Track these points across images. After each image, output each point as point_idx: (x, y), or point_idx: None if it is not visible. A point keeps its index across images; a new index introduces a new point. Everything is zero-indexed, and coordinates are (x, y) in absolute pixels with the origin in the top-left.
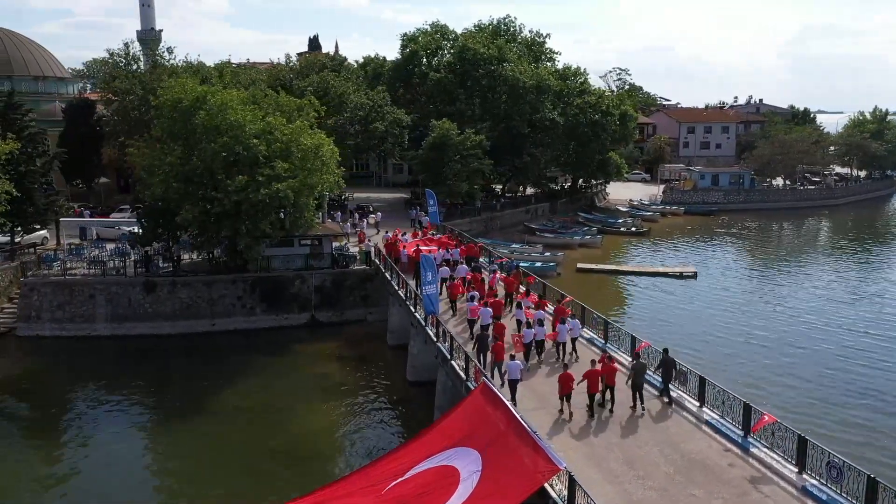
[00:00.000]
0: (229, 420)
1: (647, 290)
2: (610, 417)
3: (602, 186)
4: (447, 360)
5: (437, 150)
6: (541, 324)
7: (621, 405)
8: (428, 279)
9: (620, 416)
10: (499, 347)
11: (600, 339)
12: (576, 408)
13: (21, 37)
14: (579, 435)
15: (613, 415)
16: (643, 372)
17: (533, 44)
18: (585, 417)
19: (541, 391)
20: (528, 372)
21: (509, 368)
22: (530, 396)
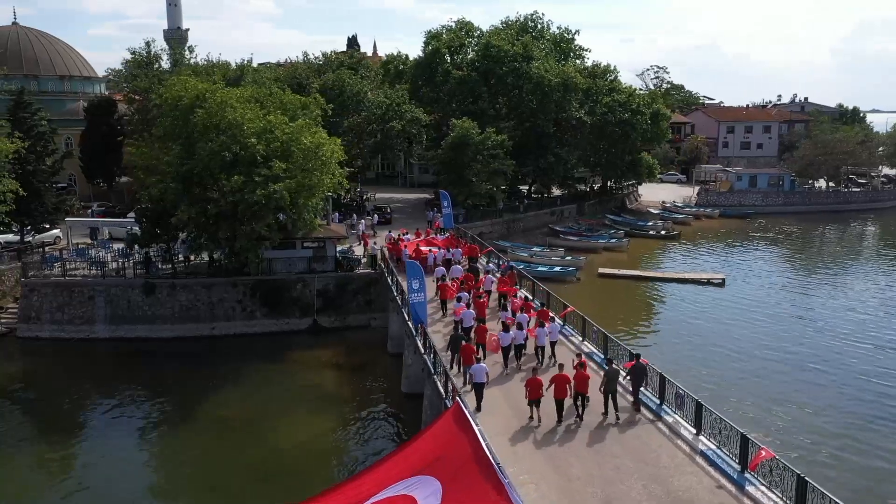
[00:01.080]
0: (212, 431)
1: (669, 298)
2: (579, 426)
3: (633, 188)
4: (430, 374)
5: (456, 150)
6: (520, 327)
7: (593, 413)
8: (414, 287)
9: (589, 424)
10: (468, 350)
11: (599, 354)
12: (547, 414)
13: (49, 36)
14: (544, 443)
15: (583, 423)
16: (616, 378)
17: (561, 41)
18: (553, 425)
19: (516, 396)
20: (505, 376)
21: (474, 371)
22: (503, 401)
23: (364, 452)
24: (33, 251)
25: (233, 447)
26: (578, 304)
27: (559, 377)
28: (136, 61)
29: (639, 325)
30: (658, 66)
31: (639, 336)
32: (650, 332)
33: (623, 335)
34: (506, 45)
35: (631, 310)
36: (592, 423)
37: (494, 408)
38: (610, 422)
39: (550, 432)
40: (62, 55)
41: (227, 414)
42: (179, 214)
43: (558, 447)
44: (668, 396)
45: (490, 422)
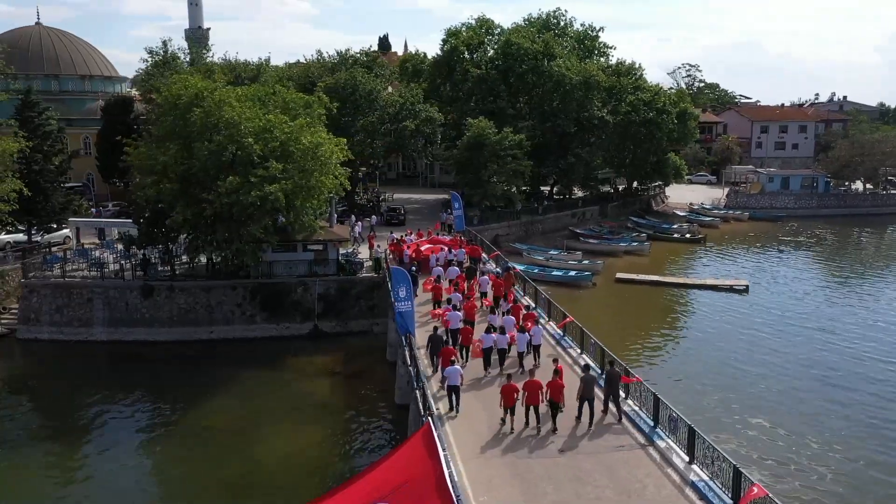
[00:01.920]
0: (195, 441)
1: (688, 306)
2: (553, 439)
3: (660, 189)
4: (413, 387)
5: (472, 151)
6: (502, 331)
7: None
8: (400, 295)
9: (572, 443)
10: (446, 352)
11: (597, 368)
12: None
13: (70, 36)
14: (517, 462)
15: (564, 441)
16: (593, 384)
17: (585, 38)
18: (528, 435)
19: (493, 402)
20: (485, 381)
21: (448, 374)
22: (479, 407)
23: (348, 467)
24: (40, 251)
25: (213, 459)
26: (592, 311)
27: (531, 383)
28: (153, 60)
29: (653, 335)
30: (689, 65)
31: (652, 346)
32: (665, 342)
33: (635, 345)
34: (526, 43)
35: (646, 318)
36: (574, 443)
37: (468, 414)
38: (583, 430)
39: (525, 447)
40: (83, 55)
41: (214, 423)
42: (174, 216)
43: (533, 468)
44: (662, 419)
45: (462, 430)
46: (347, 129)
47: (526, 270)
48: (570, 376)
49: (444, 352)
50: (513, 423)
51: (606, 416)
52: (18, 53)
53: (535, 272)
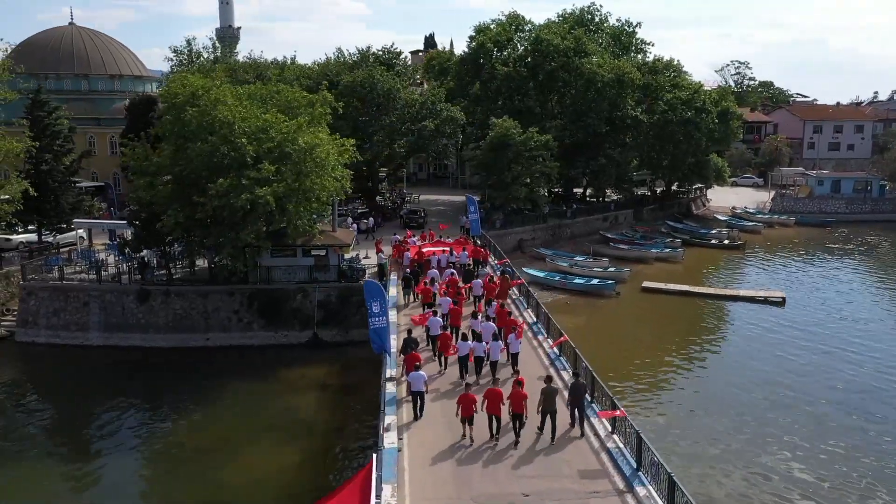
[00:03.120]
0: (168, 458)
1: (717, 318)
2: (514, 452)
3: (701, 192)
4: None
5: (496, 151)
6: (479, 338)
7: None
8: (374, 310)
9: (526, 442)
10: (410, 358)
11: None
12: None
13: (103, 36)
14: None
15: (519, 446)
16: (554, 396)
17: (621, 34)
18: (486, 447)
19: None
20: (457, 389)
21: (412, 380)
22: (440, 416)
23: (319, 494)
24: (50, 252)
25: (182, 479)
26: (610, 323)
27: (492, 392)
28: (178, 60)
29: (675, 350)
30: (739, 62)
31: (673, 363)
32: (687, 359)
33: (653, 362)
34: (556, 40)
35: (670, 331)
36: (543, 486)
37: (431, 422)
38: (546, 446)
39: (483, 465)
40: (114, 54)
41: (191, 439)
42: (165, 219)
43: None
44: (645, 462)
45: (419, 439)
46: (366, 128)
47: (546, 277)
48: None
49: (409, 357)
50: (471, 434)
51: (573, 429)
52: (51, 53)
53: (556, 279)
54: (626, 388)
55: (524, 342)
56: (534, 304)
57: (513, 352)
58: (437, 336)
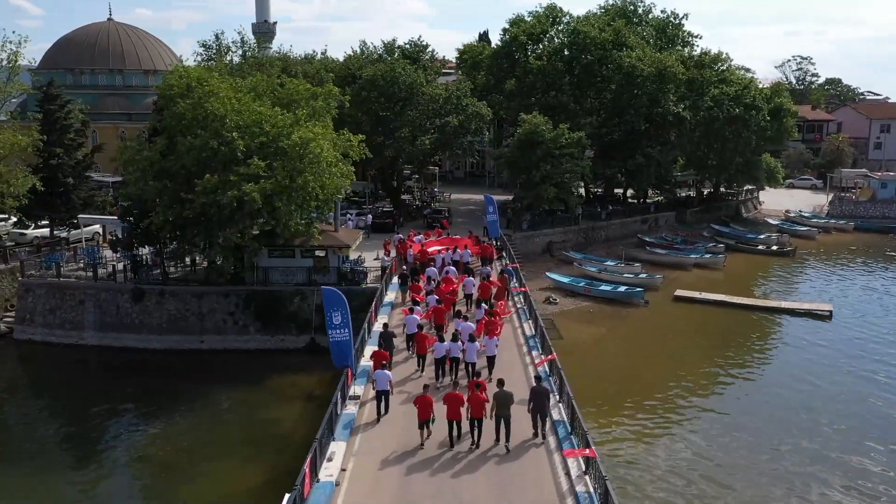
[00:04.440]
0: (125, 474)
1: (754, 332)
2: (471, 454)
3: (753, 194)
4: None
5: (525, 149)
6: (455, 339)
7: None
8: (335, 322)
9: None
10: (376, 356)
11: (567, 425)
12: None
13: (139, 32)
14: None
15: (476, 452)
16: (507, 403)
17: (666, 26)
18: (444, 450)
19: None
20: (433, 389)
21: (377, 378)
22: (401, 418)
23: None
24: (55, 248)
25: (139, 497)
26: (632, 335)
27: (451, 396)
28: (206, 55)
29: (701, 367)
30: (801, 57)
31: (697, 384)
32: (714, 378)
33: (674, 379)
34: (593, 32)
35: (699, 345)
36: (492, 477)
37: (392, 423)
38: (499, 451)
39: (436, 472)
40: (149, 50)
41: (160, 450)
42: (153, 217)
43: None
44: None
45: (374, 441)
46: (387, 123)
47: (570, 283)
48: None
49: (375, 354)
50: (425, 440)
51: (535, 438)
52: (87, 49)
53: (581, 285)
54: (636, 407)
55: (514, 354)
56: (534, 315)
57: (488, 354)
58: (413, 335)
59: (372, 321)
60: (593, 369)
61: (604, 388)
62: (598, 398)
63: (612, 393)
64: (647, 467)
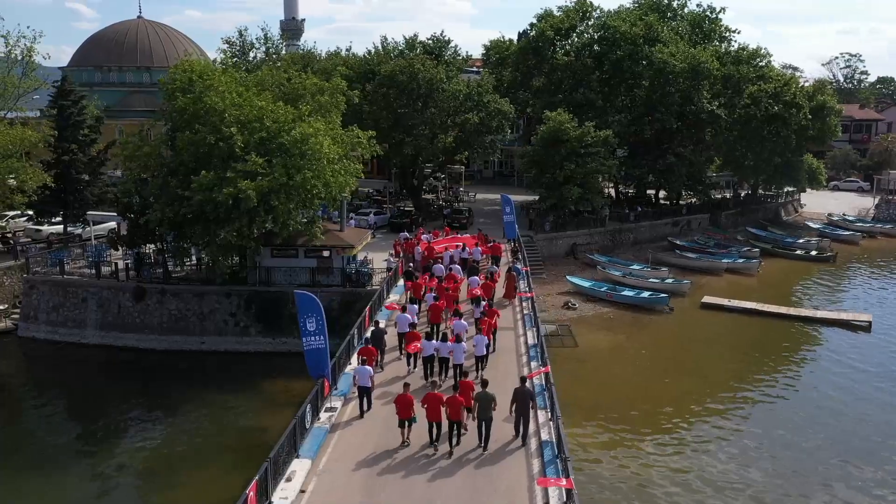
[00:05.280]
0: (100, 481)
1: (785, 343)
2: (448, 458)
3: (794, 196)
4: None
5: (549, 147)
6: (444, 338)
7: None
8: (309, 328)
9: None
10: (364, 351)
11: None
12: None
13: (168, 29)
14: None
15: (454, 456)
16: (489, 404)
17: (702, 21)
18: (424, 451)
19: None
20: (418, 389)
21: (357, 373)
22: (386, 417)
23: None
24: (75, 244)
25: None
26: (653, 345)
27: (431, 396)
28: (231, 51)
29: (725, 381)
30: (850, 54)
31: (719, 400)
32: (738, 392)
33: (694, 393)
34: (624, 27)
35: (724, 357)
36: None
37: (372, 421)
38: (479, 454)
39: (406, 476)
40: (177, 47)
41: (136, 460)
42: (150, 214)
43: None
44: None
45: (350, 440)
46: (405, 121)
47: (591, 288)
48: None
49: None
50: (406, 440)
51: (516, 440)
52: (116, 46)
53: (603, 290)
54: (644, 421)
55: (513, 363)
56: (536, 324)
57: (477, 354)
58: (405, 334)
59: (365, 325)
60: (604, 379)
61: (612, 400)
62: (604, 410)
63: (621, 405)
64: (649, 497)
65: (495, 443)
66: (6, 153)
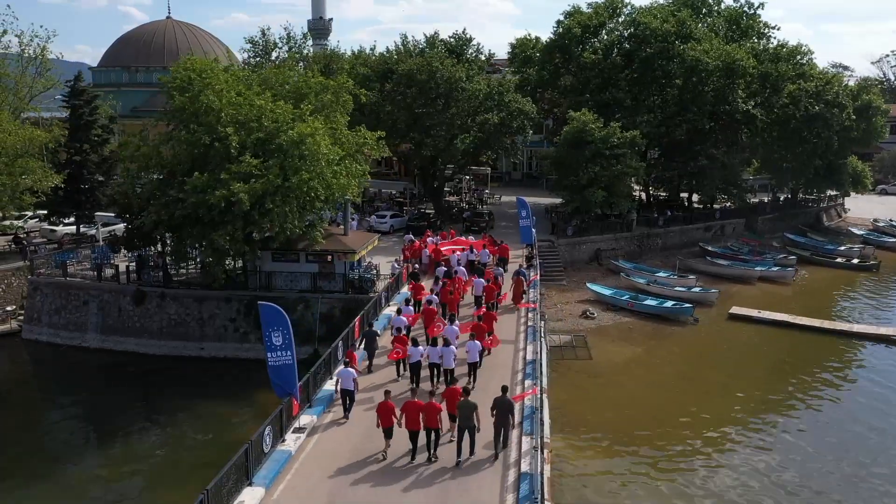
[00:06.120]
0: (74, 495)
1: (816, 359)
2: (424, 469)
3: (838, 200)
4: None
5: (573, 148)
6: (434, 343)
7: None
8: (275, 342)
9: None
10: (348, 354)
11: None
12: None
13: (196, 29)
14: None
15: (432, 467)
16: (471, 414)
17: (739, 16)
18: (401, 464)
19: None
20: (401, 397)
21: (340, 376)
22: (361, 425)
23: None
24: (88, 245)
25: None
26: (677, 358)
27: (410, 405)
28: (254, 51)
29: (747, 403)
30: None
31: (740, 422)
32: (764, 416)
33: (714, 415)
34: (654, 23)
35: (749, 374)
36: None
37: (354, 426)
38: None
39: (371, 486)
40: (204, 48)
41: (108, 474)
42: (145, 217)
43: None
44: None
45: (327, 445)
46: (424, 121)
47: (612, 296)
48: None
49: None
50: (385, 450)
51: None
52: (144, 47)
53: (624, 299)
54: (659, 446)
55: (507, 380)
56: (535, 338)
57: (469, 361)
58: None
59: (355, 336)
60: (614, 396)
61: (620, 419)
62: (608, 430)
63: (628, 425)
64: None
65: (474, 456)
66: (16, 153)
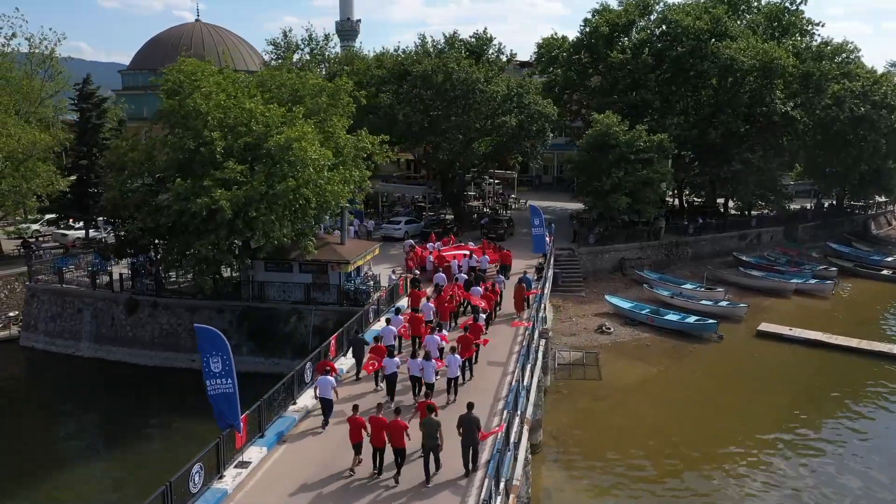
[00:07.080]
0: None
1: (852, 385)
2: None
3: (886, 207)
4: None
5: (596, 152)
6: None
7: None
8: (213, 369)
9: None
10: (320, 365)
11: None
12: None
13: (224, 32)
14: None
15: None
16: (435, 432)
17: (781, 13)
18: (363, 481)
19: None
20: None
21: (319, 384)
22: (334, 439)
23: None
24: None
25: None
26: (696, 379)
27: (375, 421)
28: (276, 53)
29: (770, 432)
30: None
31: (761, 455)
32: (787, 449)
33: (726, 449)
34: (687, 20)
35: (773, 401)
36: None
37: (329, 438)
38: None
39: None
40: (231, 50)
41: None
42: (129, 225)
43: None
44: None
45: (295, 457)
46: (439, 124)
47: (632, 310)
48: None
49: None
50: (355, 464)
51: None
52: (171, 49)
53: (644, 313)
54: (660, 483)
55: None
56: (524, 362)
57: (449, 376)
58: (392, 346)
59: (330, 352)
60: (620, 422)
61: (620, 449)
62: (605, 459)
63: (628, 455)
64: None
65: (440, 477)
66: (23, 156)
